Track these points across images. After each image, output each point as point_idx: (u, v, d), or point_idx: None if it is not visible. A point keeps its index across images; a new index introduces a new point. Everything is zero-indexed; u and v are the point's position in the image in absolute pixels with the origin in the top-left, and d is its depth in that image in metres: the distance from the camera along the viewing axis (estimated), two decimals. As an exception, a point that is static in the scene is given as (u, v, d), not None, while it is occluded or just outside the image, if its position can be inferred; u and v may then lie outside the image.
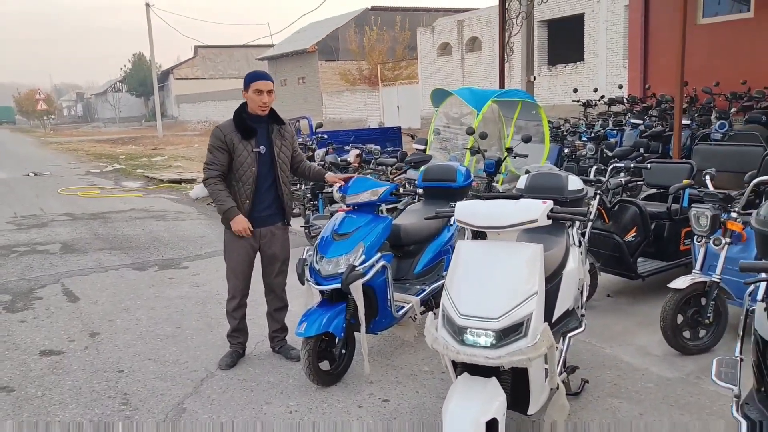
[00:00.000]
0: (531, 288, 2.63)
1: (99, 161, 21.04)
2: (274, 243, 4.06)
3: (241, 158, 3.86)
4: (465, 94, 8.67)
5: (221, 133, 3.86)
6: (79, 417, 3.47)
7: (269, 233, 4.04)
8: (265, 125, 3.95)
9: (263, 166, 3.93)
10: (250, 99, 3.87)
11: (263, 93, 3.85)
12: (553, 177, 3.83)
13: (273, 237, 4.06)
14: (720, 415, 3.26)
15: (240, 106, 3.95)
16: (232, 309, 4.13)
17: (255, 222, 3.95)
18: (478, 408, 2.46)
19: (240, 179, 3.89)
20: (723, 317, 4.08)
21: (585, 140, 9.96)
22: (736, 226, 3.93)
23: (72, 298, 5.75)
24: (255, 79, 3.88)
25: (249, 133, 3.87)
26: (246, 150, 3.86)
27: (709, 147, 6.80)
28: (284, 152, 4.03)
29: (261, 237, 4.02)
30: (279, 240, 4.09)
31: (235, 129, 3.86)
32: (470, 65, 22.35)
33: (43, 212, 10.74)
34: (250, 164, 3.87)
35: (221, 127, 3.90)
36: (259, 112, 3.88)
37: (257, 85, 3.84)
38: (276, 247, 4.08)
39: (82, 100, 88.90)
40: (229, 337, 4.23)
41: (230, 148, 3.84)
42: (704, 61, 11.75)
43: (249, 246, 4.00)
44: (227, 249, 4.07)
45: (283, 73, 37.46)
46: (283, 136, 4.03)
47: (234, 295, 4.10)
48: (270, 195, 3.99)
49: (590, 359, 4.03)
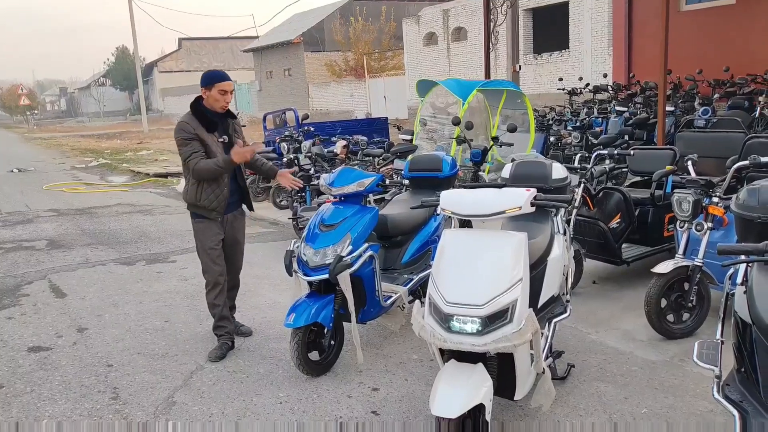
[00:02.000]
0: (516, 275, 2.66)
1: (84, 156, 20.84)
2: (236, 228, 4.28)
3: (212, 147, 3.99)
4: (451, 84, 8.69)
5: (189, 125, 3.96)
6: (69, 412, 3.47)
7: (233, 218, 4.23)
8: (222, 119, 4.12)
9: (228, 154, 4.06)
10: (213, 98, 3.99)
11: (227, 93, 4.01)
12: (538, 165, 3.86)
13: (236, 222, 4.27)
14: (703, 397, 3.32)
15: (196, 102, 4.05)
16: (214, 297, 4.18)
17: (227, 209, 4.14)
18: (465, 394, 2.49)
19: None
20: (705, 301, 4.15)
21: (570, 128, 10.03)
22: (717, 210, 3.99)
23: (59, 294, 5.73)
24: (221, 79, 4.00)
25: (212, 125, 4.03)
26: (214, 142, 4.02)
27: (692, 133, 6.87)
28: (238, 144, 4.13)
29: (226, 222, 4.18)
30: (241, 226, 4.33)
31: (198, 123, 3.98)
32: (456, 55, 22.33)
33: (29, 208, 10.65)
34: (219, 154, 4.00)
35: (185, 121, 4.00)
36: (220, 110, 4.04)
37: (223, 86, 3.98)
38: (238, 232, 4.30)
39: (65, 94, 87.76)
40: (216, 328, 4.25)
41: (201, 139, 3.96)
42: (688, 48, 11.83)
43: (221, 230, 4.15)
44: (200, 237, 4.16)
45: (269, 65, 37.22)
46: (236, 129, 4.22)
47: (216, 281, 4.16)
48: (234, 184, 4.16)
49: (576, 344, 4.08)
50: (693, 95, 10.71)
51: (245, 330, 4.46)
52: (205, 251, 4.13)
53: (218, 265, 4.16)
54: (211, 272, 4.16)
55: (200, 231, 4.15)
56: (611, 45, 15.79)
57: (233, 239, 4.27)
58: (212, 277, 4.16)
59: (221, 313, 4.21)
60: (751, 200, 2.64)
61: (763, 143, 4.96)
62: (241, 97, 40.57)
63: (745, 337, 2.43)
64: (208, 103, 4.03)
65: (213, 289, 4.18)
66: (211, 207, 4.07)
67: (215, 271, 4.15)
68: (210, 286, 4.18)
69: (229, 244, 4.24)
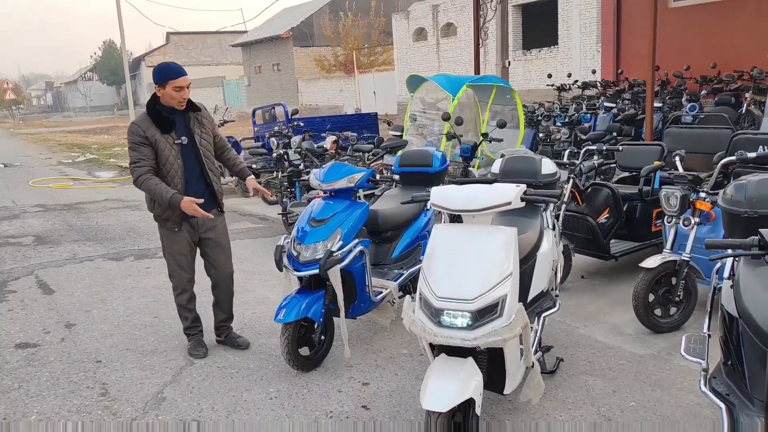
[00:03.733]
0: (506, 270, 2.68)
1: (71, 152, 20.66)
2: (215, 230, 3.98)
3: (165, 152, 3.71)
4: (440, 80, 8.69)
5: (139, 128, 3.68)
6: (57, 408, 3.45)
7: (208, 221, 3.92)
8: (182, 114, 3.80)
9: (188, 157, 3.80)
10: (168, 95, 3.70)
11: (183, 89, 3.71)
12: (527, 161, 3.88)
13: (213, 225, 3.96)
14: (690, 390, 3.36)
15: (152, 99, 3.77)
16: (185, 302, 4.04)
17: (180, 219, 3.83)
18: (455, 388, 2.50)
19: (168, 174, 3.74)
20: (693, 295, 4.19)
21: (559, 124, 10.07)
22: (704, 206, 4.03)
23: (46, 290, 5.68)
24: (175, 75, 3.68)
25: (167, 125, 3.72)
26: (167, 143, 3.72)
27: (679, 129, 6.91)
28: (205, 139, 3.89)
29: (199, 226, 3.92)
30: (220, 228, 4.02)
31: (152, 123, 3.70)
32: (446, 50, 22.33)
33: (15, 204, 10.55)
34: (175, 157, 3.74)
35: (137, 122, 3.73)
36: (178, 107, 3.75)
37: (177, 82, 3.68)
38: (217, 234, 3.99)
39: (51, 89, 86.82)
40: (188, 329, 4.13)
41: (152, 142, 3.68)
42: (676, 44, 11.92)
43: (188, 238, 3.91)
44: (166, 245, 3.95)
45: (258, 60, 37.04)
46: (202, 123, 3.88)
47: (184, 288, 4.01)
48: (200, 185, 3.87)
49: (565, 338, 4.11)
50: (680, 92, 10.78)
51: (241, 342, 4.17)
52: (171, 255, 3.94)
53: (185, 271, 3.97)
54: (177, 277, 3.99)
55: (165, 236, 3.93)
56: (600, 41, 15.85)
57: (213, 242, 4.00)
58: (179, 282, 4.00)
59: (193, 317, 4.11)
60: (738, 195, 2.67)
61: (749, 139, 5.00)
62: (229, 92, 40.35)
63: (732, 331, 2.46)
64: (164, 101, 3.73)
65: (181, 294, 4.03)
66: (164, 217, 3.82)
67: (182, 277, 3.98)
68: (178, 291, 4.03)
69: (209, 247, 4.01)
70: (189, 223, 3.88)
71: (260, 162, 9.93)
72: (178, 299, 4.06)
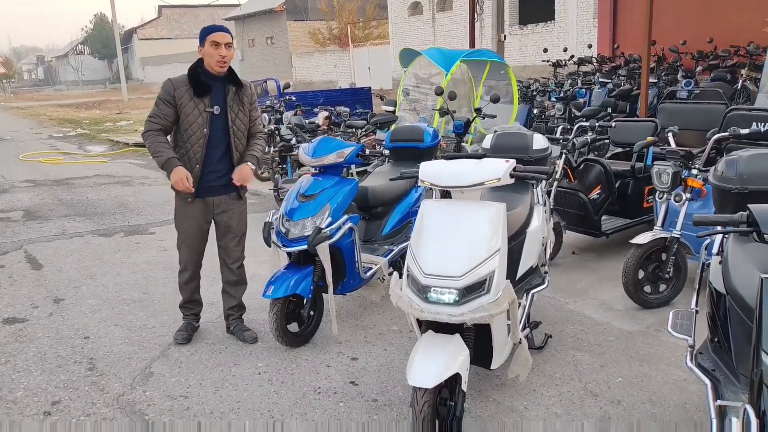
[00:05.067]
0: (494, 246, 2.65)
1: (62, 126, 20.46)
2: (228, 215, 3.76)
3: (191, 117, 3.53)
4: (434, 54, 8.59)
5: (171, 86, 3.53)
6: (44, 384, 3.43)
7: (223, 203, 3.73)
8: (222, 85, 3.61)
9: (216, 130, 3.60)
10: (207, 54, 3.52)
11: (221, 46, 3.49)
12: (518, 136, 3.84)
13: (228, 208, 3.75)
14: (677, 366, 3.37)
15: (196, 62, 3.62)
16: (184, 282, 3.88)
17: (206, 191, 3.67)
18: (441, 364, 2.49)
19: (189, 140, 3.57)
20: (683, 272, 4.19)
21: (554, 100, 10.00)
22: (696, 182, 4.01)
23: (35, 265, 5.64)
24: (211, 31, 3.53)
25: (203, 89, 3.53)
26: (197, 108, 3.53)
27: (673, 105, 6.87)
28: (240, 118, 3.68)
29: (213, 207, 3.73)
30: (235, 213, 3.79)
31: (188, 83, 3.53)
32: (441, 25, 22.09)
33: (4, 179, 10.45)
34: (201, 124, 3.54)
35: (173, 80, 3.58)
36: (217, 68, 3.54)
37: (214, 36, 3.49)
38: (231, 219, 3.77)
39: (42, 63, 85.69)
40: (182, 308, 3.99)
41: (178, 103, 3.52)
42: (672, 20, 11.80)
43: (200, 215, 3.72)
44: (177, 217, 3.79)
45: (251, 33, 36.59)
46: (242, 101, 3.67)
47: (186, 266, 3.84)
48: (224, 164, 3.66)
49: (554, 314, 4.12)
50: (676, 68, 10.71)
51: (248, 336, 3.88)
52: (180, 228, 3.79)
53: (190, 249, 3.79)
54: (182, 252, 3.83)
55: (178, 209, 3.78)
56: (597, 16, 15.69)
57: (224, 227, 3.79)
58: (182, 257, 3.84)
59: (189, 298, 3.94)
60: (729, 172, 2.65)
61: (743, 115, 4.96)
62: (223, 66, 39.88)
63: (719, 307, 2.46)
64: (207, 64, 3.55)
65: (183, 272, 3.87)
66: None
67: (186, 255, 3.82)
68: (181, 267, 3.87)
69: (220, 231, 3.82)
70: (205, 201, 3.70)
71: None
72: (180, 276, 3.90)
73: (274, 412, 3.10)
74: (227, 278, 3.95)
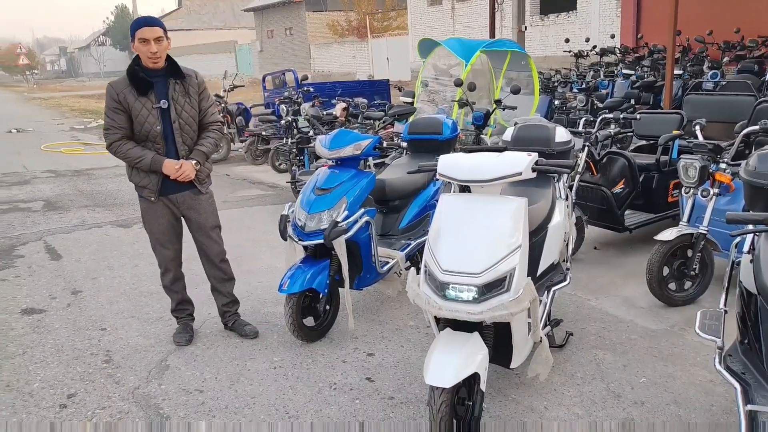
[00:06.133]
0: (514, 242, 2.57)
1: (83, 117, 20.65)
2: (195, 211, 3.63)
3: (141, 117, 3.37)
4: (453, 44, 8.47)
5: (113, 91, 3.36)
6: (61, 375, 3.43)
7: (187, 200, 3.60)
8: (163, 79, 3.42)
9: (168, 124, 3.44)
10: (138, 51, 3.34)
11: (149, 42, 3.29)
12: (540, 129, 3.74)
13: (192, 205, 3.62)
14: (703, 366, 3.27)
15: (133, 60, 3.44)
16: (169, 283, 3.77)
17: (167, 188, 3.53)
18: (459, 363, 2.43)
19: (146, 140, 3.43)
20: (709, 269, 4.07)
21: (576, 91, 9.83)
22: (724, 177, 3.88)
23: (54, 255, 5.67)
24: (138, 26, 3.31)
25: (144, 86, 3.36)
26: (145, 107, 3.36)
27: (700, 97, 6.69)
28: (187, 110, 3.48)
29: (179, 204, 3.60)
30: (201, 206, 3.64)
31: (129, 84, 3.37)
32: (461, 15, 21.86)
33: (26, 169, 10.56)
34: (153, 122, 3.38)
35: (113, 84, 3.40)
36: (150, 64, 3.36)
37: (141, 33, 3.29)
38: (198, 215, 3.64)
39: (65, 54, 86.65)
40: (175, 311, 3.89)
41: (126, 107, 3.36)
42: (698, 9, 11.53)
43: (167, 213, 3.60)
44: (145, 219, 3.64)
45: (270, 24, 36.59)
46: (187, 92, 3.47)
47: (166, 267, 3.72)
48: (175, 158, 3.49)
49: (575, 312, 4.03)
50: (702, 58, 10.46)
51: (249, 331, 3.84)
52: (151, 230, 3.65)
53: (166, 248, 3.66)
54: (158, 254, 3.71)
55: (144, 211, 3.62)
56: (620, 6, 15.40)
57: (194, 223, 3.66)
58: (161, 260, 3.71)
59: (179, 299, 3.85)
60: (761, 167, 2.53)
61: (774, 108, 4.81)
62: (242, 57, 39.99)
63: (750, 308, 2.36)
64: (143, 62, 3.38)
65: (165, 274, 3.75)
66: (141, 185, 3.51)
67: (164, 255, 3.69)
68: (161, 270, 3.75)
69: (192, 228, 3.70)
70: (168, 198, 3.56)
71: (270, 129, 9.82)
72: (163, 279, 3.78)
73: (289, 408, 3.06)
74: (213, 275, 3.85)
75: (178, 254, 3.76)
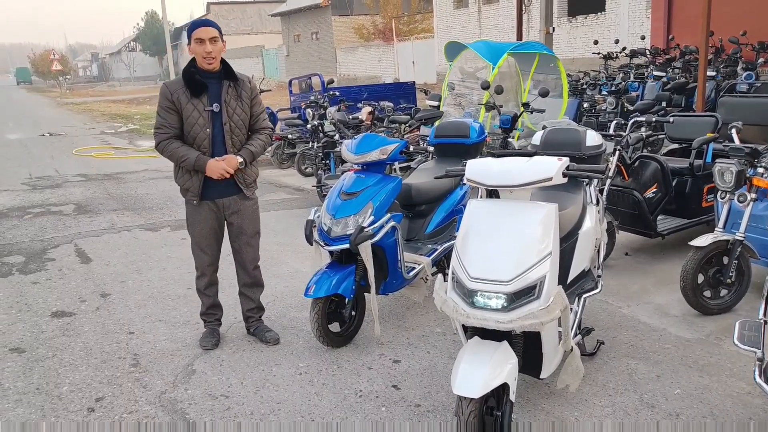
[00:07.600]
0: (544, 249, 2.51)
1: (114, 121, 21.01)
2: (239, 216, 3.68)
3: (192, 118, 3.44)
4: (480, 47, 8.39)
5: (168, 90, 3.45)
6: (89, 379, 3.46)
7: (233, 204, 3.65)
8: (218, 82, 3.50)
9: (219, 127, 3.50)
10: (194, 52, 3.43)
11: (205, 42, 3.38)
12: (570, 132, 3.66)
13: (238, 209, 3.67)
14: (740, 378, 3.16)
15: (190, 62, 3.51)
16: (203, 287, 3.81)
17: (213, 192, 3.58)
18: (488, 373, 2.38)
19: (194, 141, 3.49)
20: (746, 277, 3.95)
21: (605, 94, 9.66)
22: (762, 182, 3.75)
23: (84, 259, 5.75)
24: (194, 27, 3.41)
25: (198, 88, 3.44)
26: (197, 109, 3.44)
27: (735, 99, 6.51)
28: (238, 114, 3.54)
29: (224, 208, 3.65)
30: (246, 212, 3.70)
31: (183, 85, 3.45)
32: (487, 17, 21.72)
33: (58, 173, 10.76)
34: (203, 125, 3.45)
35: (168, 84, 3.51)
36: (205, 65, 3.44)
37: (197, 33, 3.38)
38: (242, 220, 3.69)
39: (96, 59, 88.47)
40: (204, 315, 3.90)
41: (178, 107, 3.44)
42: (731, 9, 11.26)
43: (211, 218, 3.64)
44: (189, 221, 3.69)
45: (296, 29, 36.85)
46: (239, 96, 3.54)
47: (203, 272, 3.77)
48: None
49: (607, 320, 3.93)
50: (736, 59, 10.20)
51: (270, 337, 3.82)
52: (193, 233, 3.70)
53: (205, 253, 3.71)
54: (197, 257, 3.75)
55: (188, 214, 3.68)
56: (650, 6, 15.14)
57: (236, 228, 3.71)
58: (199, 264, 3.76)
59: (211, 303, 3.88)
60: (804, 171, 2.44)
61: (813, 110, 4.65)
62: (269, 62, 40.33)
63: (793, 319, 2.27)
64: (198, 62, 3.47)
65: (200, 278, 3.80)
66: (185, 187, 3.57)
67: (202, 259, 3.73)
68: (198, 273, 3.80)
69: (232, 233, 3.74)
70: (214, 203, 3.62)
71: (296, 133, 9.86)
72: (197, 282, 3.84)
73: (314, 415, 3.03)
74: (243, 281, 3.88)
75: (215, 260, 3.79)
